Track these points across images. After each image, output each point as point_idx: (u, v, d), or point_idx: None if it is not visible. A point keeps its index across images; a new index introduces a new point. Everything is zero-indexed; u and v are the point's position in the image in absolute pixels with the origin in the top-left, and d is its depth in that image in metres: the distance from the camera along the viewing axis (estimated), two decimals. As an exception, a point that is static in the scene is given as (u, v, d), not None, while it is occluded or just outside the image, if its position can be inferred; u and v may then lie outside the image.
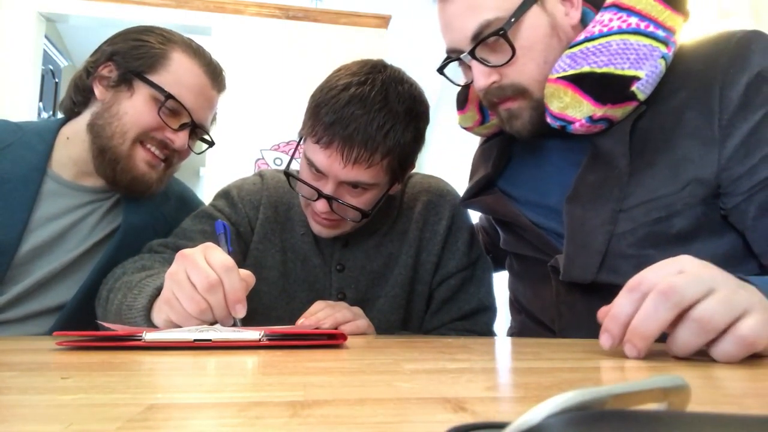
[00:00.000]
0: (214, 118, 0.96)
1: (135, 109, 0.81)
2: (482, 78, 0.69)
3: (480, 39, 0.66)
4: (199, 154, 0.92)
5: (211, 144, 0.93)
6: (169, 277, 0.58)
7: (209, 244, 0.60)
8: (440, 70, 0.77)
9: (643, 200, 0.64)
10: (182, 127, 0.83)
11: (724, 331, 0.38)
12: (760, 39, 0.63)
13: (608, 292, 0.68)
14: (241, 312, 0.57)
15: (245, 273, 0.60)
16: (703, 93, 0.62)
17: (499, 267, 0.98)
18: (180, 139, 0.83)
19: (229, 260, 0.57)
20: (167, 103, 0.81)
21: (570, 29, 0.71)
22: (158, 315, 0.61)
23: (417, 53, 3.78)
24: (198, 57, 0.86)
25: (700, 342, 0.39)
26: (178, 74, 0.83)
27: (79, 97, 0.86)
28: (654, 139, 0.65)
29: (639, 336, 0.40)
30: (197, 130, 0.88)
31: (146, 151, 0.83)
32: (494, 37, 0.66)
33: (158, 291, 0.63)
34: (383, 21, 3.13)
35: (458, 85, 0.80)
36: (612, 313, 0.43)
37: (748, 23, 1.61)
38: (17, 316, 0.77)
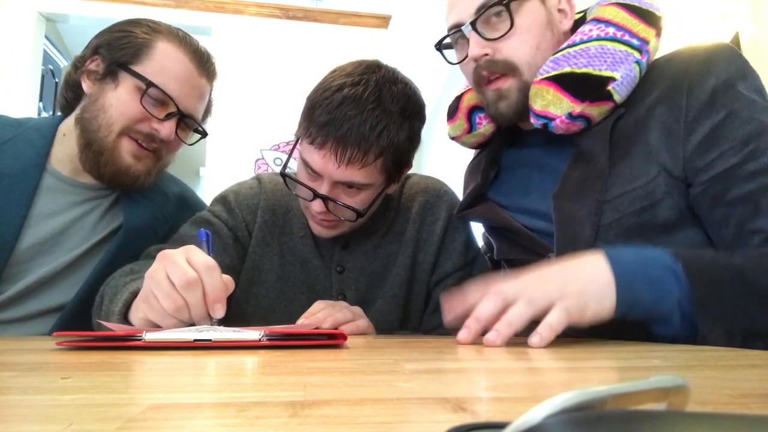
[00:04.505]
0: (209, 110, 0.94)
1: (119, 100, 0.80)
2: (477, 47, 0.74)
3: (484, 9, 0.72)
4: (191, 144, 0.91)
5: (203, 134, 0.91)
6: (148, 276, 0.57)
7: (191, 246, 0.59)
8: (438, 47, 0.82)
9: (624, 190, 0.67)
10: (168, 116, 0.82)
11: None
12: (727, 50, 0.68)
13: None
14: (219, 312, 0.56)
15: (225, 277, 0.59)
16: (673, 92, 0.67)
17: None
18: (166, 128, 0.82)
19: (210, 260, 0.57)
20: (150, 91, 0.80)
21: (561, 34, 0.77)
22: (135, 314, 0.61)
23: (417, 53, 3.78)
24: (183, 45, 0.84)
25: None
26: (162, 63, 0.81)
27: (71, 94, 0.86)
28: (629, 133, 0.69)
29: (506, 324, 0.52)
30: (187, 120, 0.86)
31: (132, 142, 0.82)
32: (497, 8, 0.71)
33: (135, 295, 0.63)
34: (383, 21, 3.13)
35: (452, 64, 0.82)
36: (476, 315, 0.55)
37: (746, 25, 1.61)
38: (17, 315, 0.77)
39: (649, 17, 0.71)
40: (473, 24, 0.73)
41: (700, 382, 0.31)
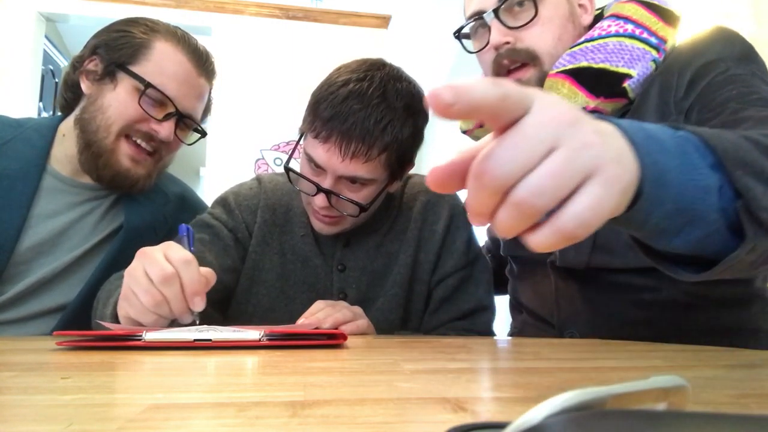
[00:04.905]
0: (208, 109, 0.93)
1: (118, 101, 0.80)
2: (499, 35, 0.74)
3: None
4: (191, 144, 0.90)
5: (203, 134, 0.91)
6: (127, 274, 0.58)
7: (170, 243, 0.60)
8: (456, 35, 0.81)
9: None
10: (167, 117, 0.82)
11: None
12: (724, 33, 0.67)
13: (603, 281, 0.70)
14: (199, 305, 0.57)
15: (206, 270, 0.60)
16: (666, 74, 0.68)
17: (501, 291, 0.99)
18: (164, 129, 0.81)
19: (187, 254, 0.57)
20: (149, 92, 0.79)
21: (582, 27, 0.77)
22: (119, 312, 0.61)
23: (417, 53, 3.78)
24: (182, 44, 0.84)
25: (522, 226, 0.28)
26: (160, 63, 0.81)
27: (70, 94, 0.85)
28: (628, 118, 0.68)
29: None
30: (186, 120, 0.86)
31: (131, 145, 0.82)
32: None
33: None
34: (383, 21, 3.13)
35: (471, 53, 0.81)
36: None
37: (748, 24, 1.61)
38: (18, 316, 0.77)
39: (668, 16, 0.70)
40: (496, 12, 0.72)
41: (700, 382, 0.31)
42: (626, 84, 0.67)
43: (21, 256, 0.77)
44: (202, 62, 0.86)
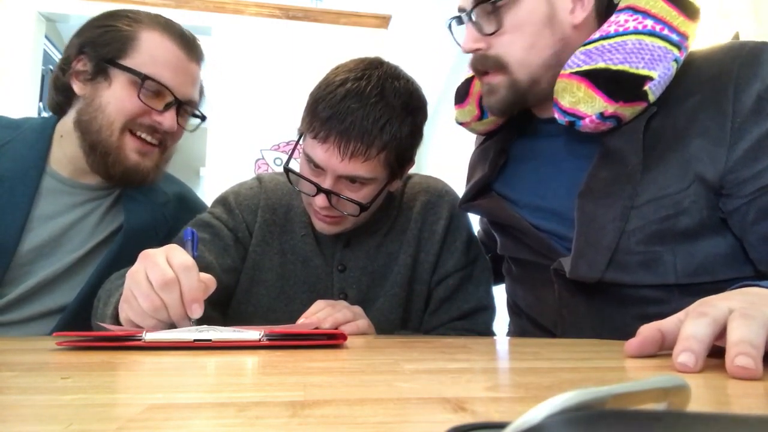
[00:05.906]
0: (202, 92, 0.93)
1: (116, 97, 0.79)
2: (470, 41, 0.72)
3: (478, 2, 0.69)
4: (192, 131, 0.90)
5: (202, 118, 0.90)
6: (129, 276, 0.58)
7: (173, 245, 0.60)
8: (449, 27, 0.79)
9: (653, 197, 0.64)
10: (167, 106, 0.81)
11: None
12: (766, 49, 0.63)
13: (611, 293, 0.68)
14: (197, 312, 0.56)
15: (206, 276, 0.59)
16: (717, 96, 0.63)
17: (498, 280, 0.98)
18: (167, 119, 0.81)
19: (189, 260, 0.57)
20: (146, 84, 0.78)
21: (569, 28, 0.70)
22: (120, 314, 0.61)
23: (417, 53, 3.78)
24: (168, 31, 0.83)
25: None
26: (151, 53, 0.80)
27: (60, 97, 0.84)
28: (666, 137, 0.65)
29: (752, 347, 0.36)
30: (185, 107, 0.85)
31: (136, 139, 0.81)
32: (487, 6, 0.69)
33: None
34: (383, 21, 3.13)
35: (460, 45, 0.78)
36: (693, 335, 0.38)
37: (748, 23, 1.61)
38: (19, 317, 0.77)
39: (688, 9, 0.65)
40: (470, 15, 0.70)
41: (700, 382, 0.31)
42: (647, 87, 0.63)
43: (22, 258, 0.77)
44: (191, 47, 0.86)
